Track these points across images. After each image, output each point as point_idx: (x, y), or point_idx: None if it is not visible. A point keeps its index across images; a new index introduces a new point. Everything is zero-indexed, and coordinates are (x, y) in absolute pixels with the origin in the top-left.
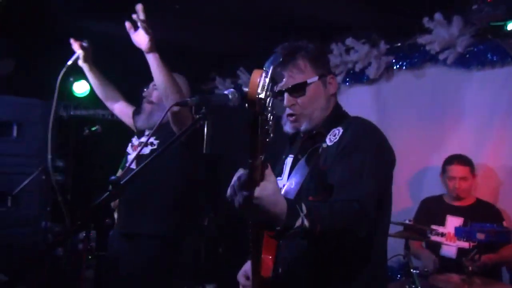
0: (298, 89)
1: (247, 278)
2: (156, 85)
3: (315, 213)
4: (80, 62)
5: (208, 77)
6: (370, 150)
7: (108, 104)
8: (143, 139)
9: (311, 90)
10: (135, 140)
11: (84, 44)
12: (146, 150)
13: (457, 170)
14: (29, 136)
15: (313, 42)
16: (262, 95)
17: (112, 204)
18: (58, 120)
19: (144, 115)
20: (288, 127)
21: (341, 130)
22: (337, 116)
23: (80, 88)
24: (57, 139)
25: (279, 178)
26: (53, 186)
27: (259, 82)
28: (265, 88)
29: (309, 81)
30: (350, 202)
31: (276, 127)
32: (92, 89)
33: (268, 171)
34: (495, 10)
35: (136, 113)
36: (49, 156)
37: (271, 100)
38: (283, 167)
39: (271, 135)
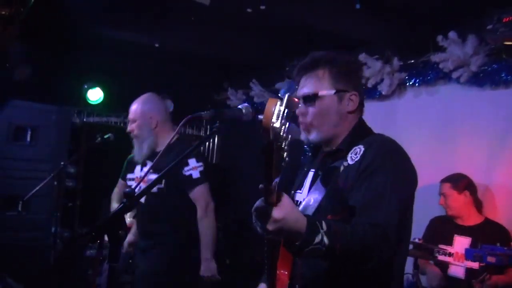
0: (309, 99)
1: None
2: (130, 118)
3: (335, 231)
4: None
5: (221, 87)
6: (393, 171)
7: None
8: (146, 170)
9: (323, 103)
10: (137, 171)
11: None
12: (154, 189)
13: (443, 187)
14: (43, 142)
15: (349, 57)
16: (276, 124)
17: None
18: (71, 126)
19: (137, 149)
20: (303, 137)
21: (363, 149)
22: (359, 133)
23: (94, 95)
24: (70, 146)
25: (299, 191)
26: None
27: (274, 110)
28: (280, 116)
29: (320, 93)
30: (372, 226)
31: (293, 151)
32: (105, 97)
33: (281, 193)
34: (510, 30)
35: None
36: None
37: (286, 126)
38: (304, 181)
39: (287, 159)
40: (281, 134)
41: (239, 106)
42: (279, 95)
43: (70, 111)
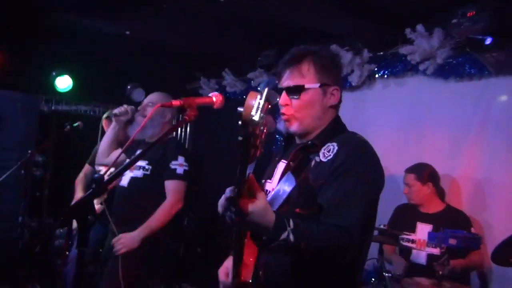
0: (294, 91)
1: (227, 275)
2: (151, 102)
3: (302, 230)
4: (117, 121)
5: (193, 77)
6: (363, 174)
7: (105, 156)
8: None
9: (308, 96)
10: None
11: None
12: (139, 174)
13: (405, 177)
14: (9, 130)
15: (331, 52)
16: (256, 117)
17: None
18: (39, 114)
19: (138, 127)
20: (281, 126)
21: (336, 148)
22: (334, 130)
23: (63, 83)
24: (38, 134)
25: (269, 180)
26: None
27: (254, 104)
28: (259, 109)
29: (307, 86)
30: (338, 228)
31: (266, 142)
32: (74, 85)
33: (257, 187)
34: (474, 25)
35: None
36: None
37: (264, 118)
38: (274, 170)
39: (262, 150)
40: (260, 127)
41: (209, 95)
42: (259, 88)
43: (38, 99)
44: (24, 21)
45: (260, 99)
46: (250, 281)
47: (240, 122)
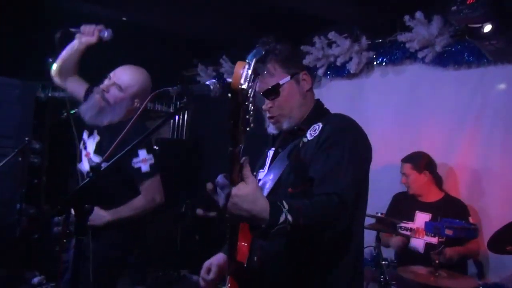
0: (272, 92)
1: (209, 270)
2: (117, 83)
3: (297, 207)
4: (79, 41)
5: (191, 64)
6: (348, 145)
7: (61, 78)
8: (92, 140)
9: (285, 90)
10: (86, 138)
11: (105, 34)
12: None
13: (402, 167)
14: (6, 117)
15: (282, 42)
16: (244, 86)
17: None
18: (36, 101)
19: (94, 109)
20: (271, 129)
21: (321, 125)
22: (318, 112)
23: None
24: (34, 121)
25: (261, 170)
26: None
27: (242, 73)
28: (248, 79)
29: (281, 82)
30: (330, 196)
31: (256, 118)
32: None
33: (247, 171)
34: (473, 12)
35: (87, 93)
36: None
37: (253, 91)
38: (265, 160)
39: (252, 125)
40: (248, 96)
41: (207, 82)
42: (247, 60)
43: (35, 85)
44: (19, 7)
45: (248, 69)
46: (245, 265)
47: (229, 92)
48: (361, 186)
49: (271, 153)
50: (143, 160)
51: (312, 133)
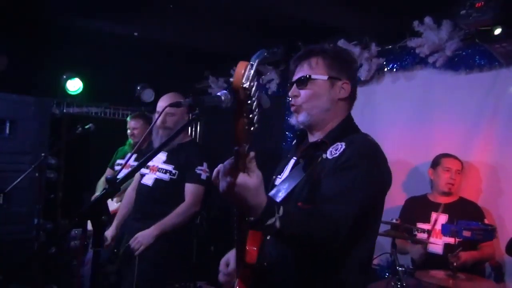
0: (301, 82)
1: (227, 265)
2: (170, 112)
3: (291, 219)
4: None
5: (202, 76)
6: (365, 170)
7: None
8: (160, 160)
9: (315, 86)
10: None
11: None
12: (165, 177)
13: (453, 162)
14: (22, 134)
15: (343, 48)
16: (246, 85)
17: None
18: (51, 117)
19: (160, 139)
20: (292, 120)
21: (343, 147)
22: (345, 128)
23: (73, 86)
24: (50, 137)
25: (279, 176)
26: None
27: (244, 72)
28: (250, 78)
29: (313, 76)
30: (328, 221)
31: (261, 119)
32: (84, 87)
33: (253, 164)
34: (483, 16)
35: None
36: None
37: (257, 91)
38: (285, 167)
39: (256, 125)
40: (251, 95)
41: (218, 93)
42: (250, 61)
43: (49, 102)
44: (34, 25)
45: (251, 68)
46: (254, 263)
47: (232, 92)
48: (371, 211)
49: (292, 161)
50: (204, 170)
51: (333, 151)
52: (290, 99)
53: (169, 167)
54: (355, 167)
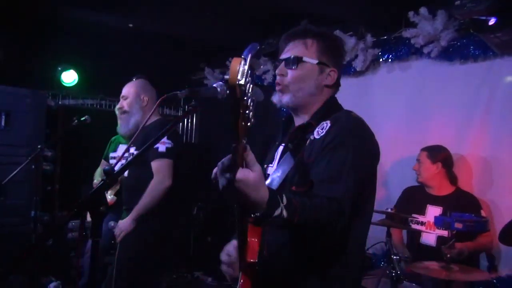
0: (291, 61)
1: (229, 255)
2: (123, 95)
3: (295, 205)
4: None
5: (197, 67)
6: (353, 147)
7: None
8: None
9: (304, 69)
10: (120, 151)
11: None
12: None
13: (419, 154)
14: (18, 126)
15: (337, 37)
16: (241, 81)
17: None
18: (47, 109)
19: (123, 124)
20: (274, 98)
21: (329, 124)
22: (329, 109)
23: (69, 78)
24: (46, 129)
25: (270, 165)
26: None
27: (239, 69)
28: (244, 74)
29: (305, 58)
30: (329, 200)
31: (256, 113)
32: (80, 79)
33: (251, 158)
34: (477, 6)
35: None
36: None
37: (251, 86)
38: (275, 154)
39: (252, 120)
40: (247, 91)
41: (214, 85)
42: (242, 56)
43: (45, 94)
44: (28, 17)
45: (245, 64)
46: (256, 261)
47: (227, 89)
48: (366, 186)
49: (280, 148)
50: (162, 142)
51: (319, 131)
52: (277, 77)
53: (133, 150)
54: (343, 145)
